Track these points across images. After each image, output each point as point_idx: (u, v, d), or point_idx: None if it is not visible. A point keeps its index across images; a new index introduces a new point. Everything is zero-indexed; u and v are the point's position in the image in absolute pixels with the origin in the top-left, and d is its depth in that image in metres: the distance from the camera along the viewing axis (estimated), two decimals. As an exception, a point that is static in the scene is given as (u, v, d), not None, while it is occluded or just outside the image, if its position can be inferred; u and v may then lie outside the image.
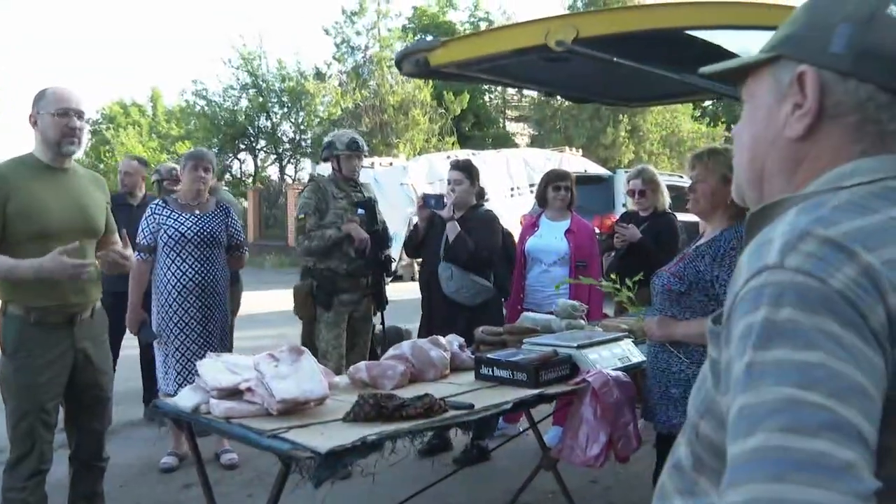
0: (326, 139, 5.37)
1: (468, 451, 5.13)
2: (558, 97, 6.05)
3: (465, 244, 4.94)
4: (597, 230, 5.85)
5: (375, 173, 16.58)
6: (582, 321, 4.22)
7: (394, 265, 5.53)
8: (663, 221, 5.39)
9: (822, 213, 0.90)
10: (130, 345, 5.84)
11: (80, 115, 3.45)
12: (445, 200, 5.09)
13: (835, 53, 0.98)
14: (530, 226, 5.50)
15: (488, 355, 3.54)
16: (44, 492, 3.47)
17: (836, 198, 0.93)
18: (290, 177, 29.64)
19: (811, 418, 0.76)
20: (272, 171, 30.03)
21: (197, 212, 4.79)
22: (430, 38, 24.82)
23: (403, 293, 9.47)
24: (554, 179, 5.46)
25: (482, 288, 5.05)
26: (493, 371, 3.43)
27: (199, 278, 4.70)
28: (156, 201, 4.92)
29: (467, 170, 5.23)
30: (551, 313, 4.33)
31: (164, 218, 4.72)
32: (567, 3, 29.41)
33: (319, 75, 28.39)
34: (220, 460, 5.05)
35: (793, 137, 1.02)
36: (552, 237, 5.33)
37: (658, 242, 5.16)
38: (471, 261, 4.99)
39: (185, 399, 2.97)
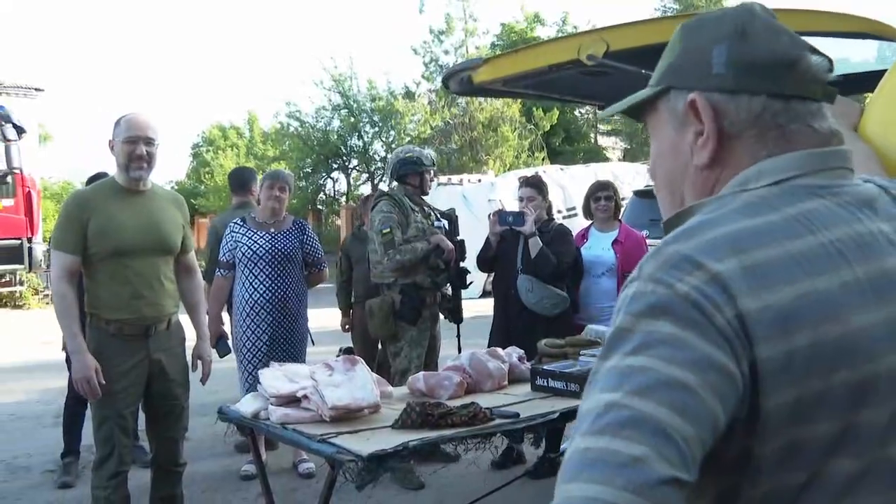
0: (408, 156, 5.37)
1: (540, 463, 5.16)
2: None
3: (548, 259, 5.01)
4: None
5: (464, 190, 16.72)
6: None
7: (469, 279, 5.56)
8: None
9: (705, 218, 0.94)
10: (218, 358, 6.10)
11: (148, 141, 3.62)
12: (526, 217, 5.09)
13: (718, 74, 1.00)
14: (580, 238, 5.52)
15: (543, 367, 3.59)
16: (126, 491, 3.69)
17: (733, 202, 0.96)
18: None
19: (613, 418, 0.81)
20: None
21: (272, 230, 4.98)
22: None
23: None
24: (595, 191, 5.53)
25: (561, 299, 5.08)
26: (548, 382, 3.48)
27: (270, 294, 4.88)
28: (234, 220, 5.11)
29: (539, 186, 5.34)
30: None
31: (241, 236, 4.93)
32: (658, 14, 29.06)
33: (409, 94, 28.66)
34: (297, 469, 5.20)
35: (701, 166, 1.03)
36: (600, 248, 5.35)
37: None
38: (553, 274, 5.06)
39: (247, 405, 3.14)
